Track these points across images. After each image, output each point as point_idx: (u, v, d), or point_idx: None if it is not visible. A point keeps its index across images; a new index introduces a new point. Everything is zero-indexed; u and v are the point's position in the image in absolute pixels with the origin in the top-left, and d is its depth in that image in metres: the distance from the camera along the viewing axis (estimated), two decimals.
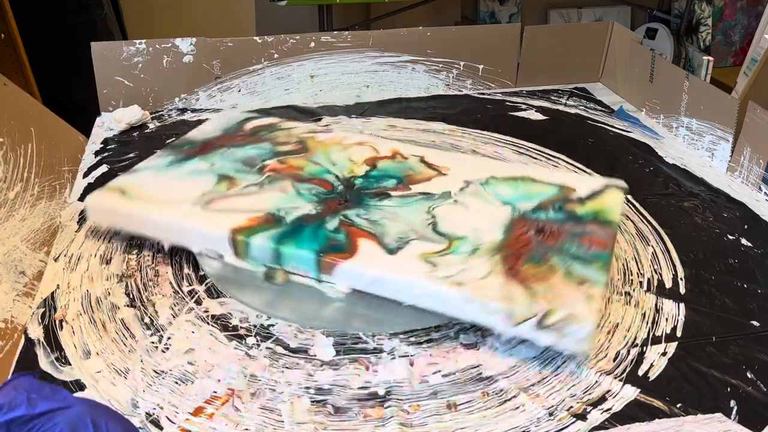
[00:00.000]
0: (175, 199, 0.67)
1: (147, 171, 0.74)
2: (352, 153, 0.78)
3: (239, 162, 0.75)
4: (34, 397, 0.37)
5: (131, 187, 0.69)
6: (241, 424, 0.49)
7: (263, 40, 1.03)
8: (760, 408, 0.50)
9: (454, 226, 0.64)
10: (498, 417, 0.49)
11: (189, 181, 0.71)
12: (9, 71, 1.33)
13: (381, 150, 0.79)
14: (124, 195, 0.68)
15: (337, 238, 0.62)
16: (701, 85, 0.92)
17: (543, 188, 0.71)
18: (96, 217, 0.69)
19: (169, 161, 0.75)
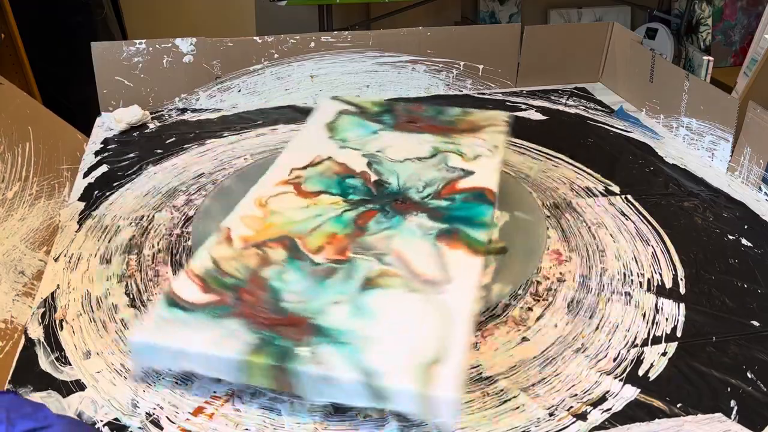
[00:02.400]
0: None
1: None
2: (291, 205, 0.66)
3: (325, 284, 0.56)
4: (13, 416, 0.37)
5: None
6: (241, 424, 0.49)
7: (263, 40, 1.03)
8: (760, 408, 0.50)
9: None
10: (498, 417, 0.49)
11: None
12: (9, 71, 1.33)
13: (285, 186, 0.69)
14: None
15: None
16: (701, 85, 0.92)
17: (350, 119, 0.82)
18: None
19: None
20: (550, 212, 0.76)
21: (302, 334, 0.49)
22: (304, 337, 0.48)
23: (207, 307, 0.51)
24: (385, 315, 0.51)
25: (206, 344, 0.48)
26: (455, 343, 0.48)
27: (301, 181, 0.69)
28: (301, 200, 0.66)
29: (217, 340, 0.48)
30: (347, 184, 0.69)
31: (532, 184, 0.82)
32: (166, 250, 0.69)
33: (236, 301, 0.52)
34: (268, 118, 1.01)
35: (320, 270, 0.56)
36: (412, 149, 0.76)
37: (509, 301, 0.62)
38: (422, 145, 0.77)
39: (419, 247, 0.59)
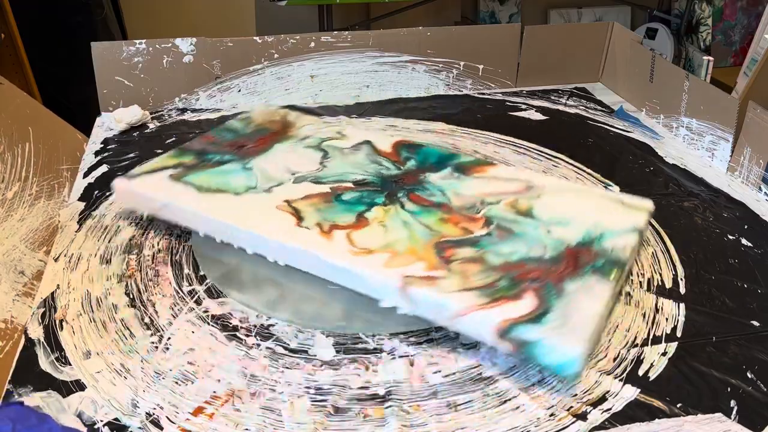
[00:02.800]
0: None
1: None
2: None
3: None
4: (19, 428, 0.37)
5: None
6: (241, 424, 0.49)
7: (263, 40, 1.03)
8: (760, 408, 0.50)
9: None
10: (498, 417, 0.49)
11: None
12: (9, 71, 1.33)
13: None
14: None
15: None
16: (701, 85, 0.92)
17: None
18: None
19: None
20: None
21: (588, 253, 0.60)
22: (592, 253, 0.60)
23: (544, 300, 0.54)
24: (567, 212, 0.65)
25: (597, 303, 0.54)
26: (604, 191, 0.74)
27: (330, 224, 0.64)
28: (369, 228, 0.63)
29: (590, 296, 0.55)
30: (351, 199, 0.68)
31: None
32: (166, 250, 0.69)
33: (535, 282, 0.56)
34: None
35: (499, 233, 0.62)
36: (304, 158, 0.77)
37: None
38: (300, 151, 0.79)
39: (478, 184, 0.71)
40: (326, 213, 0.65)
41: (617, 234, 0.62)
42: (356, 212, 0.65)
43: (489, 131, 0.97)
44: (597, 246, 0.60)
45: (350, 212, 0.65)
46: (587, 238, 0.61)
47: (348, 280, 0.59)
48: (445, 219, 0.65)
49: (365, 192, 0.69)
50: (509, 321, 0.51)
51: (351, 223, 0.64)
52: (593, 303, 0.53)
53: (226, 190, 0.69)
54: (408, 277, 0.55)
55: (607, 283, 0.55)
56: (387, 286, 0.56)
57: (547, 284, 0.55)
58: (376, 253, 0.59)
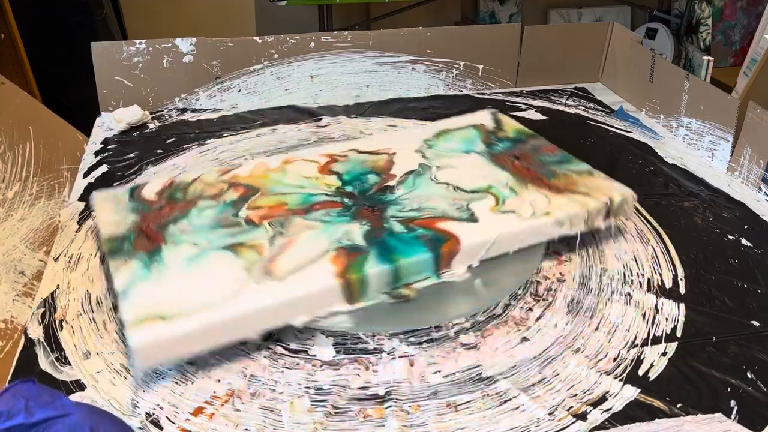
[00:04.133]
0: (230, 290, 0.55)
1: (139, 288, 0.55)
2: (298, 171, 0.73)
3: (215, 230, 0.62)
4: (32, 405, 0.37)
5: (161, 311, 0.52)
6: (241, 424, 0.49)
7: (263, 40, 1.03)
8: (760, 408, 0.50)
9: (472, 183, 0.70)
10: (498, 417, 0.49)
11: (205, 270, 0.57)
12: (9, 71, 1.33)
13: (318, 159, 0.76)
14: (166, 319, 0.51)
15: (423, 233, 0.62)
16: (701, 85, 0.92)
17: (467, 132, 0.82)
18: (152, 361, 0.52)
19: (141, 266, 0.57)
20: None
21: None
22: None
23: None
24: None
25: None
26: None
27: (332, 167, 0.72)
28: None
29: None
30: None
31: None
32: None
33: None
34: (268, 118, 1.01)
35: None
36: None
37: (509, 301, 0.62)
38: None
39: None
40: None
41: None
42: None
43: None
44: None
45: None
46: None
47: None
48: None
49: None
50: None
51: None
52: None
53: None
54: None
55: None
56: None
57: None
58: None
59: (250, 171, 0.73)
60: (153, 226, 0.63)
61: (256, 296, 0.54)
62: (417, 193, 0.69)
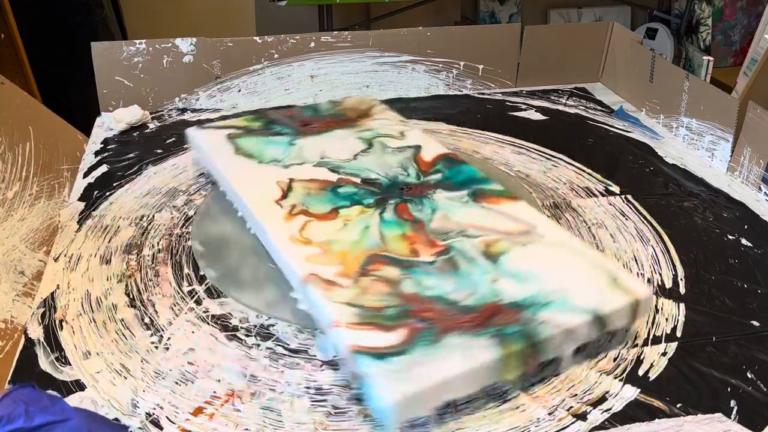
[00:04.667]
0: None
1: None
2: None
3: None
4: (32, 410, 0.37)
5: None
6: (241, 424, 0.49)
7: (263, 40, 1.03)
8: (760, 408, 0.50)
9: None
10: (498, 417, 0.49)
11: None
12: (9, 71, 1.33)
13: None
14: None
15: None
16: (701, 85, 0.92)
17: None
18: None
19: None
20: (550, 212, 0.76)
21: (510, 315, 0.51)
22: (516, 316, 0.50)
23: (411, 341, 0.48)
24: (536, 268, 0.56)
25: (456, 367, 0.46)
26: (607, 261, 0.57)
27: (301, 208, 0.65)
28: (331, 223, 0.63)
29: (459, 358, 0.46)
30: (345, 193, 0.68)
31: (532, 184, 0.82)
32: (166, 250, 0.69)
33: (422, 322, 0.50)
34: None
35: (441, 265, 0.57)
36: (346, 146, 0.78)
37: None
38: (348, 140, 0.79)
39: (477, 214, 0.65)
40: (311, 199, 0.67)
41: (568, 309, 0.51)
42: (334, 206, 0.66)
43: (489, 131, 0.97)
44: (530, 312, 0.51)
45: (330, 204, 0.66)
46: (529, 301, 0.52)
47: (278, 261, 0.62)
48: (406, 236, 0.61)
49: (363, 190, 0.69)
50: (356, 347, 0.47)
51: (320, 213, 0.65)
52: (453, 364, 0.46)
53: (254, 157, 0.75)
54: (312, 275, 0.55)
55: (491, 351, 0.47)
56: (295, 277, 0.57)
57: (431, 329, 0.49)
58: (311, 245, 0.60)
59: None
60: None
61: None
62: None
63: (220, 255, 0.67)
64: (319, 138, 0.80)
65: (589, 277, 0.55)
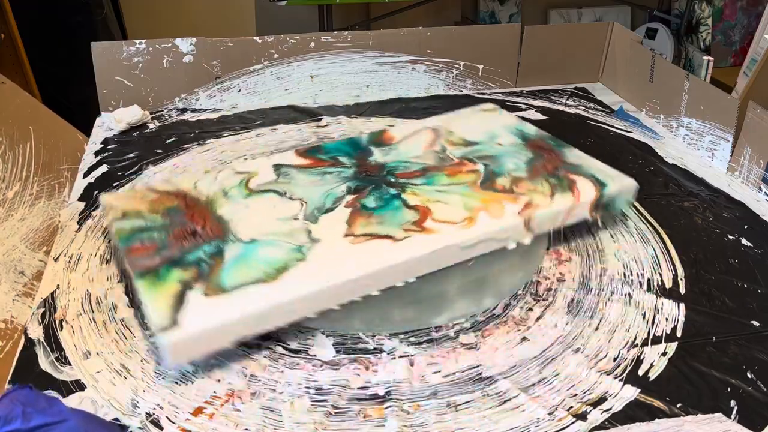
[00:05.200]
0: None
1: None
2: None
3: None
4: (29, 411, 0.37)
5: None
6: (241, 424, 0.49)
7: (263, 40, 1.03)
8: (760, 408, 0.50)
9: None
10: (498, 417, 0.49)
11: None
12: (9, 71, 1.33)
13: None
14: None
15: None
16: (701, 85, 0.92)
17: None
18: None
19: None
20: None
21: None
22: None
23: None
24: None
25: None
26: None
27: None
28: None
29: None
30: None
31: None
32: None
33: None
34: (268, 118, 1.01)
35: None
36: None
37: (509, 301, 0.62)
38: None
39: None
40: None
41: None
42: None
43: None
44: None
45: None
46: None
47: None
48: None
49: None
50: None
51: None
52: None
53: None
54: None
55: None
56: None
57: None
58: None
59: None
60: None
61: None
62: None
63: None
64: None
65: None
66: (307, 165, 0.73)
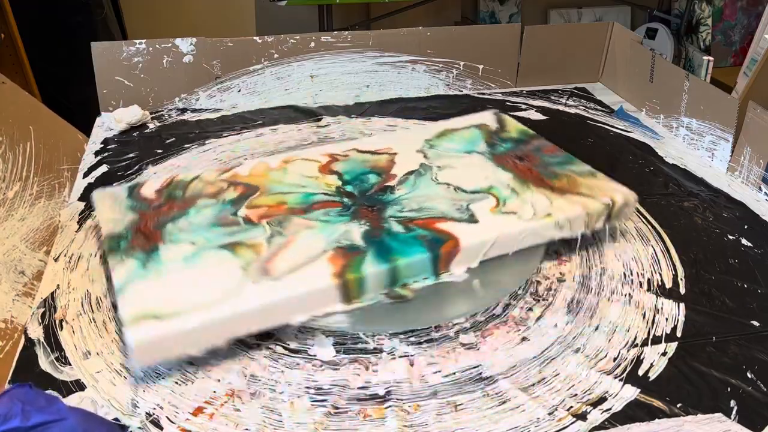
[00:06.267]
0: (227, 289, 0.54)
1: (136, 286, 0.55)
2: (299, 171, 0.73)
3: (213, 229, 0.62)
4: (28, 409, 0.37)
5: (158, 310, 0.52)
6: (241, 424, 0.49)
7: (263, 40, 1.03)
8: (760, 408, 0.50)
9: (473, 183, 0.70)
10: (498, 417, 0.49)
11: (202, 269, 0.57)
12: (9, 71, 1.33)
13: (319, 158, 0.76)
14: (162, 318, 0.51)
15: (422, 234, 0.61)
16: (701, 85, 0.92)
17: (470, 132, 0.82)
18: (149, 360, 0.52)
19: (139, 264, 0.57)
20: None
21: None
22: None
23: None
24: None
25: None
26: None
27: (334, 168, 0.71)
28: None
29: None
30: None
31: None
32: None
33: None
34: (268, 118, 1.01)
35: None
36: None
37: (509, 301, 0.62)
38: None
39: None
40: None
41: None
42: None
43: None
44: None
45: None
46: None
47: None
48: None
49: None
50: None
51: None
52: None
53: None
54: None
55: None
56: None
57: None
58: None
59: (250, 170, 0.73)
60: (151, 224, 0.63)
61: (252, 295, 0.54)
62: (417, 194, 0.69)
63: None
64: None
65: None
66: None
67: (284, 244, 0.60)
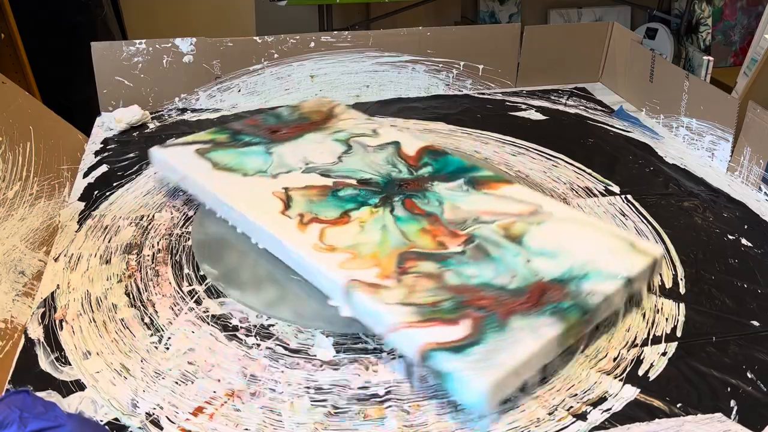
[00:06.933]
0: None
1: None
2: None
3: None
4: (26, 416, 0.37)
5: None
6: (241, 424, 0.49)
7: (263, 40, 1.03)
8: (760, 408, 0.50)
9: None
10: (498, 417, 0.49)
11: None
12: (9, 71, 1.33)
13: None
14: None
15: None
16: (701, 85, 0.92)
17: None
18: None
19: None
20: None
21: (558, 291, 0.54)
22: (564, 291, 0.54)
23: (479, 331, 0.50)
24: (560, 244, 0.59)
25: (529, 346, 0.49)
26: (617, 229, 0.63)
27: (311, 216, 0.64)
28: (347, 227, 0.63)
29: (529, 338, 0.50)
30: (347, 196, 0.68)
31: (532, 184, 0.82)
32: (166, 250, 0.69)
33: (481, 311, 0.52)
34: None
35: (473, 253, 0.59)
36: (326, 150, 0.77)
37: None
38: (325, 143, 0.79)
39: (483, 200, 0.67)
40: (315, 205, 0.66)
41: (604, 277, 0.55)
42: (343, 209, 0.65)
43: (489, 131, 0.97)
44: (573, 286, 0.54)
45: (338, 208, 0.65)
46: (567, 275, 0.55)
47: (306, 272, 0.60)
48: (427, 230, 0.62)
49: (363, 191, 0.69)
50: (431, 345, 0.48)
51: (332, 218, 0.64)
52: (526, 345, 0.48)
53: (237, 170, 0.72)
54: (354, 281, 0.54)
55: (555, 327, 0.50)
56: (334, 285, 0.56)
57: (492, 315, 0.51)
58: (338, 252, 0.59)
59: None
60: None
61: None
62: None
63: (220, 254, 0.67)
64: (295, 144, 0.78)
65: (610, 246, 0.59)
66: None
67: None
